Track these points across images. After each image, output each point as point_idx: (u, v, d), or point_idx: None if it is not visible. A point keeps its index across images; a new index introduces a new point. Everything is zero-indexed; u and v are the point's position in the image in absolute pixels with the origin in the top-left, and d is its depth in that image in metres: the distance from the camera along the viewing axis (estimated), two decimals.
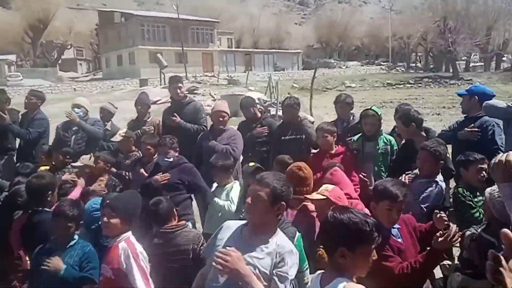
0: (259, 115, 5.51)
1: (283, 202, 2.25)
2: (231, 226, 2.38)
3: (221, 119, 4.93)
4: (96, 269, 2.96)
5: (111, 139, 5.30)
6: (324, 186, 3.20)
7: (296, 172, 3.37)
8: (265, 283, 2.13)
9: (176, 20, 39.95)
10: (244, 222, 2.37)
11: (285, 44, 67.51)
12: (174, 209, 3.34)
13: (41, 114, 5.76)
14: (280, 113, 13.85)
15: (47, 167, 4.69)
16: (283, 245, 2.24)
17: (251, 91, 25.94)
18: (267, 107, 19.41)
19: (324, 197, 3.00)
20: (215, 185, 4.39)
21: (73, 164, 4.74)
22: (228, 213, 3.95)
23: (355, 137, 4.75)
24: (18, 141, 5.80)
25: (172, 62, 38.78)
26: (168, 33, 47.24)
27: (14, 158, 5.68)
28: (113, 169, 4.82)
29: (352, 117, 5.25)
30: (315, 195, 3.03)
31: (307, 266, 2.73)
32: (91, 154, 4.85)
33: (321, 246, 2.72)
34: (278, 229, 2.33)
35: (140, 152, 5.00)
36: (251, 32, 66.89)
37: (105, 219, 2.74)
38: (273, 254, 2.18)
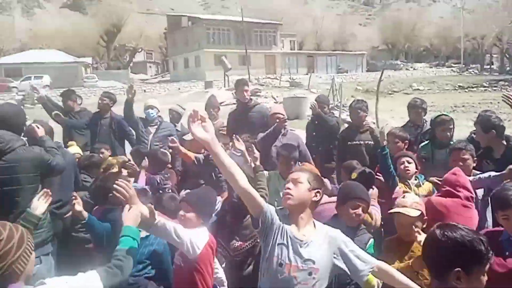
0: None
1: (319, 190, 2.36)
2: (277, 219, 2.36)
3: (277, 120, 4.91)
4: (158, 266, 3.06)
5: (183, 137, 5.49)
6: (410, 198, 2.96)
7: None
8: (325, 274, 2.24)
9: (240, 23, 40.64)
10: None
11: (349, 45, 66.28)
12: None
13: (114, 115, 6.11)
14: (343, 116, 13.64)
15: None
16: (328, 230, 2.34)
17: (313, 94, 25.80)
18: (330, 110, 19.23)
19: (419, 212, 2.80)
20: None
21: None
22: None
23: (422, 145, 4.54)
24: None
25: (236, 65, 39.48)
26: (233, 36, 48.25)
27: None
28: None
29: (424, 123, 5.04)
30: (411, 211, 2.79)
31: None
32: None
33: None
34: (316, 222, 2.39)
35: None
36: (314, 34, 66.38)
37: (181, 212, 2.85)
38: (325, 244, 2.27)
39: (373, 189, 3.62)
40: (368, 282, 2.38)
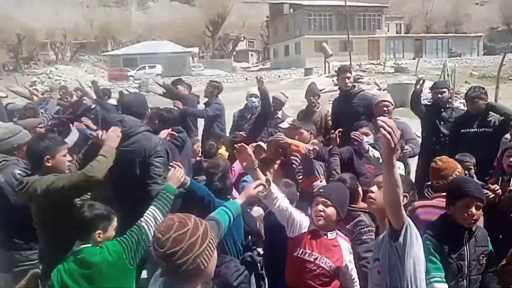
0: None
1: (407, 194, 2.53)
2: None
3: (385, 108, 4.66)
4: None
5: (279, 125, 5.52)
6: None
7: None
8: None
9: (342, 7, 39.51)
10: None
11: (463, 27, 60.84)
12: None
13: (217, 100, 6.42)
14: (456, 103, 12.57)
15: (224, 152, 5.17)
16: None
17: None
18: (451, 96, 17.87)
19: None
20: None
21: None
22: None
23: None
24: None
25: (337, 51, 38.61)
26: (334, 21, 47.16)
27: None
28: None
29: None
30: None
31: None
32: None
33: None
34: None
35: None
36: (423, 16, 62.08)
37: (319, 207, 2.63)
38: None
39: None
40: None
